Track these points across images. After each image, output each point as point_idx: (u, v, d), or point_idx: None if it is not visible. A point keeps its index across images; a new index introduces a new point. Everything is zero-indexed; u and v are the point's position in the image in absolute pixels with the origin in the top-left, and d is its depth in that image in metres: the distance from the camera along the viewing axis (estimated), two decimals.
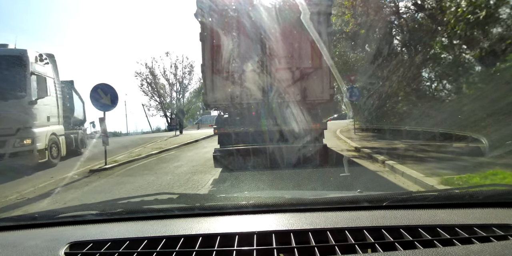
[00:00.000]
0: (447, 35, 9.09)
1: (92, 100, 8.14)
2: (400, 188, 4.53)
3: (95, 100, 8.07)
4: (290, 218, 1.09)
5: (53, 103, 9.47)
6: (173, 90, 35.55)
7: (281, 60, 6.23)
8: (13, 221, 1.30)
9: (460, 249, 0.81)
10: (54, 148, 9.19)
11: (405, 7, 11.65)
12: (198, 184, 5.26)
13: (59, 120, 9.84)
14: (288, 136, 6.05)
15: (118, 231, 1.09)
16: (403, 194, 1.37)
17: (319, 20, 6.19)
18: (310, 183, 4.83)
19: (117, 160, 8.94)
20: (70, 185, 6.21)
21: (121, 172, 7.45)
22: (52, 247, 0.98)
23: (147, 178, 6.20)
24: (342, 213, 1.12)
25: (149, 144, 14.39)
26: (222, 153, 6.09)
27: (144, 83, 35.01)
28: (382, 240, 0.90)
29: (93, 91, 8.07)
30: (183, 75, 35.62)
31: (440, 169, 5.20)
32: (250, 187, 4.79)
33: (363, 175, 5.58)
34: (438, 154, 7.15)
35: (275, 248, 0.89)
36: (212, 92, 6.35)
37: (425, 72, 11.96)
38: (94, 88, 8.07)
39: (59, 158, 9.46)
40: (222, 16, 6.21)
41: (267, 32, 6.10)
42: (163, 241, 0.97)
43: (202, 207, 1.31)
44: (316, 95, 6.39)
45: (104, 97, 8.08)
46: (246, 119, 6.46)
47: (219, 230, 1.03)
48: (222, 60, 6.21)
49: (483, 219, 1.03)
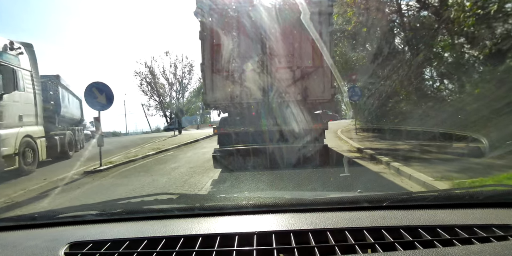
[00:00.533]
0: (453, 32, 8.91)
1: (87, 99, 7.92)
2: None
3: (89, 99, 7.84)
4: (290, 218, 1.09)
5: (27, 100, 8.13)
6: (173, 89, 35.57)
7: (281, 60, 6.23)
8: (13, 221, 1.30)
9: (460, 249, 0.81)
10: (28, 153, 7.83)
11: (407, 5, 11.58)
12: (195, 187, 5.14)
13: (37, 120, 8.53)
14: (289, 136, 6.03)
15: (118, 231, 1.09)
16: (403, 194, 1.37)
17: (319, 20, 6.18)
18: (310, 183, 4.81)
19: (113, 161, 8.75)
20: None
21: (116, 174, 7.23)
22: (52, 247, 0.98)
23: (142, 180, 6.03)
24: (342, 213, 1.12)
25: (147, 144, 14.29)
26: (222, 154, 6.07)
27: (143, 83, 35.06)
28: (382, 241, 0.90)
29: (87, 90, 7.83)
30: (183, 74, 35.63)
31: (449, 172, 4.97)
32: (250, 187, 4.77)
33: (367, 178, 5.40)
34: (444, 155, 6.94)
35: (275, 248, 0.89)
36: (212, 91, 6.34)
37: (428, 71, 11.82)
38: (89, 86, 7.83)
39: (35, 164, 8.16)
40: (222, 16, 6.21)
41: (267, 32, 6.10)
42: (163, 241, 0.97)
43: (202, 207, 1.31)
44: (317, 95, 6.38)
45: (99, 96, 7.83)
46: (246, 119, 6.45)
47: (219, 230, 1.03)
48: (222, 60, 6.20)
49: (483, 219, 1.03)
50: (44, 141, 8.80)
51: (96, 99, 7.85)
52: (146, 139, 17.94)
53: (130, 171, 7.46)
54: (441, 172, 4.96)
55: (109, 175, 7.04)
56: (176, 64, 35.24)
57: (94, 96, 7.82)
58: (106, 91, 7.94)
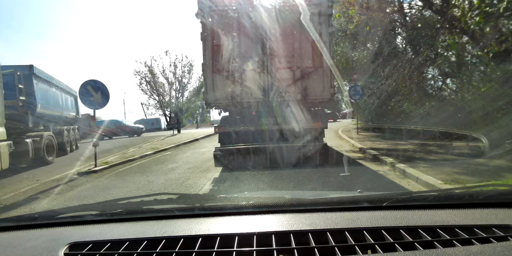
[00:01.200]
0: (459, 30, 8.77)
1: (82, 98, 7.69)
2: None
3: (85, 98, 7.63)
4: (290, 219, 1.09)
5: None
6: (172, 88, 35.48)
7: (281, 60, 6.27)
8: (13, 222, 1.30)
9: (460, 250, 0.81)
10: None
11: (409, 4, 11.46)
12: (192, 189, 4.99)
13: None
14: (289, 135, 6.06)
15: (118, 231, 1.09)
16: (403, 194, 1.37)
17: (319, 20, 6.21)
18: (310, 183, 4.79)
19: (109, 162, 8.49)
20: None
21: (111, 175, 7.00)
22: (51, 247, 0.98)
23: (138, 182, 5.83)
24: (342, 213, 1.12)
25: (145, 144, 14.09)
26: (223, 152, 6.10)
27: (143, 82, 34.93)
28: (382, 241, 0.90)
29: (82, 88, 7.62)
30: (182, 74, 35.56)
31: (458, 174, 4.78)
32: (250, 187, 4.76)
33: (372, 180, 5.16)
34: (451, 155, 6.75)
35: (275, 249, 0.89)
36: (213, 91, 6.39)
37: (432, 70, 11.62)
38: (84, 84, 7.63)
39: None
40: (222, 17, 6.25)
41: (268, 32, 6.14)
42: (163, 241, 0.97)
43: (202, 208, 1.31)
44: (317, 94, 6.42)
45: (95, 94, 7.62)
46: (246, 118, 6.49)
47: (219, 230, 1.03)
48: (223, 60, 6.25)
49: (483, 219, 1.03)
50: (7, 146, 7.03)
51: (92, 98, 7.64)
52: (145, 138, 17.79)
53: (126, 172, 7.22)
54: (449, 174, 4.81)
55: (104, 176, 6.81)
56: (176, 63, 35.21)
57: (90, 95, 7.62)
58: (102, 89, 7.74)
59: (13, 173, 7.61)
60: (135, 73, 35.15)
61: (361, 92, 11.47)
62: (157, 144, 13.42)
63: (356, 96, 11.43)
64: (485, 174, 4.71)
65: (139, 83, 35.21)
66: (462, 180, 4.39)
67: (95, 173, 7.25)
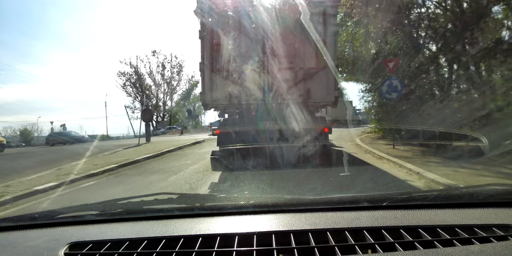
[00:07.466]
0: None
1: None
2: None
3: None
4: (290, 219, 1.09)
5: None
6: (160, 90, 34.71)
7: (281, 60, 6.19)
8: (13, 222, 1.30)
9: (460, 249, 0.81)
10: None
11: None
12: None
13: None
14: (290, 140, 5.96)
15: (118, 231, 1.09)
16: (403, 194, 1.37)
17: (322, 20, 6.12)
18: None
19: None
20: None
21: None
22: (52, 247, 0.98)
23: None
24: (342, 213, 1.12)
25: (83, 159, 8.90)
26: (222, 153, 6.07)
27: (127, 83, 34.10)
28: (382, 241, 0.90)
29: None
30: (171, 75, 34.75)
31: None
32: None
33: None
34: None
35: (275, 249, 0.89)
36: (211, 91, 6.29)
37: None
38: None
39: None
40: (222, 16, 6.18)
41: (268, 32, 6.08)
42: (163, 241, 0.97)
43: (202, 207, 1.31)
44: (320, 97, 6.30)
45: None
46: (246, 119, 6.43)
47: (219, 230, 1.03)
48: (222, 60, 6.17)
49: (483, 219, 1.03)
50: None
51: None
52: (94, 151, 11.42)
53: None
54: None
55: None
56: (164, 64, 34.34)
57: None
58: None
59: None
60: (119, 74, 34.27)
61: (400, 87, 8.10)
62: (98, 160, 8.31)
63: (392, 93, 8.14)
64: None
65: (123, 84, 34.26)
66: None
67: None
